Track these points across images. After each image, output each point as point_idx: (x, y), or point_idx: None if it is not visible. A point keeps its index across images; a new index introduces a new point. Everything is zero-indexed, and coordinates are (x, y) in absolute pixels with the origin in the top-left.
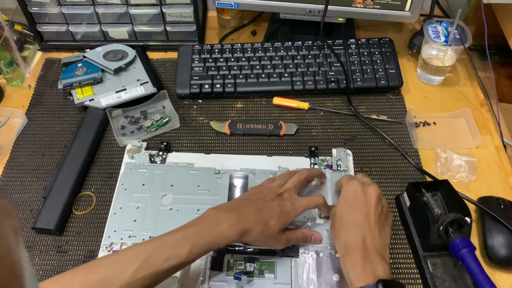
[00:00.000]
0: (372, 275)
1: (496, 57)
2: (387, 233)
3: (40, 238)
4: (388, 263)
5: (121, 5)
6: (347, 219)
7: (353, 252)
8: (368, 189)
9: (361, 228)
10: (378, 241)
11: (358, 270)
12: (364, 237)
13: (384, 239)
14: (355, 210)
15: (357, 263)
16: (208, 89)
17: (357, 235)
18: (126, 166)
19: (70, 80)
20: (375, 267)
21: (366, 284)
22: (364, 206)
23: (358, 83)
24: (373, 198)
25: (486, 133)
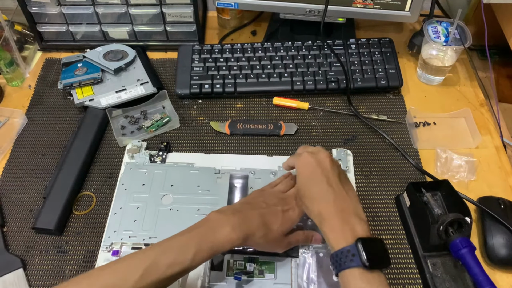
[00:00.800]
0: (351, 235)
1: (496, 57)
2: (353, 192)
3: (40, 238)
4: (365, 220)
5: (121, 5)
6: (312, 191)
7: (329, 218)
8: (319, 157)
9: (328, 193)
10: (348, 201)
11: (337, 232)
12: (334, 201)
13: (353, 198)
14: (316, 180)
15: (335, 226)
16: (208, 89)
17: (327, 201)
18: (126, 166)
19: (70, 80)
20: (353, 227)
21: (346, 245)
22: (322, 174)
23: (358, 83)
24: (327, 163)
25: (486, 133)
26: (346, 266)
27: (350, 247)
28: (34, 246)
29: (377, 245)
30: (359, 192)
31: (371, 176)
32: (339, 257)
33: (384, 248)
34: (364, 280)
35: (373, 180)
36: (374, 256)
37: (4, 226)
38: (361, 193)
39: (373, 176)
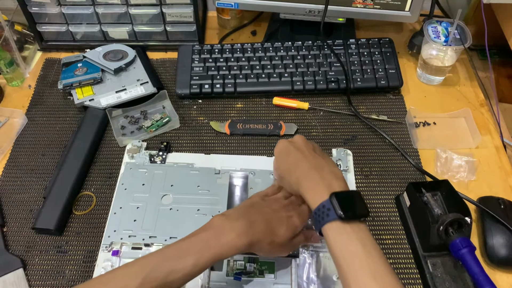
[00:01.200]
0: (327, 191)
1: (496, 57)
2: (329, 158)
3: (40, 238)
4: (341, 178)
5: (121, 5)
6: (288, 163)
7: (306, 178)
8: (293, 139)
9: (303, 160)
10: (323, 162)
11: (314, 190)
12: (309, 163)
13: (329, 161)
14: (291, 155)
15: (311, 185)
16: (208, 89)
17: (302, 166)
18: (126, 166)
19: (70, 80)
20: (329, 183)
21: (322, 201)
22: (296, 149)
23: (358, 83)
24: (301, 141)
25: (486, 133)
26: (324, 221)
27: (325, 202)
28: (34, 246)
29: (352, 196)
30: None
31: (371, 176)
32: (317, 214)
33: (360, 199)
34: (342, 232)
35: (373, 180)
36: (349, 207)
37: (4, 226)
38: None
39: (373, 176)
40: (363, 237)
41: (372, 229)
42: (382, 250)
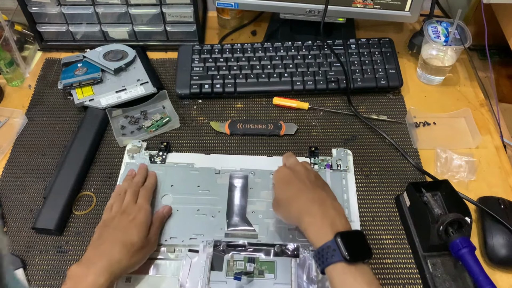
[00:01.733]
0: (331, 230)
1: (496, 57)
2: (329, 189)
3: (40, 238)
4: (343, 214)
5: (121, 5)
6: (288, 194)
7: (308, 213)
8: (295, 168)
9: (306, 192)
10: (325, 195)
11: (317, 227)
12: (312, 197)
13: (329, 193)
14: (292, 185)
15: (314, 221)
16: (208, 89)
17: (306, 198)
18: (127, 167)
19: (70, 80)
20: (332, 221)
21: (326, 241)
22: (297, 179)
23: (358, 83)
24: (302, 171)
25: (486, 133)
26: (328, 262)
27: (330, 242)
28: (34, 246)
29: (356, 237)
30: (359, 192)
31: (371, 176)
32: (321, 254)
33: (363, 240)
34: (347, 274)
35: (373, 180)
36: (354, 249)
37: (4, 226)
38: (361, 193)
39: (373, 176)
40: (369, 279)
41: (372, 229)
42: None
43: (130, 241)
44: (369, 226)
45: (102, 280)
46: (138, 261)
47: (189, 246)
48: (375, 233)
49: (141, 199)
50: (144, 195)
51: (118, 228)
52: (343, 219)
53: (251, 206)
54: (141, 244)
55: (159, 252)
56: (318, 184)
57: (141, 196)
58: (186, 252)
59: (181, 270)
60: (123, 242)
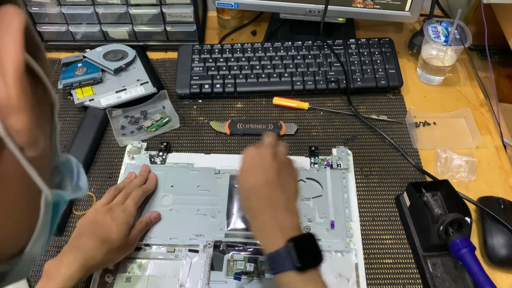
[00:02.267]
0: (281, 234)
1: (496, 57)
2: (290, 186)
3: None
4: (295, 214)
5: (121, 5)
6: (248, 184)
7: (259, 213)
8: (261, 151)
9: (261, 190)
10: (281, 196)
11: (267, 232)
12: (267, 195)
13: (287, 193)
14: (254, 174)
15: (265, 223)
16: (208, 89)
17: (260, 196)
18: (127, 168)
19: (70, 80)
20: (282, 224)
21: (278, 248)
22: (261, 167)
23: (358, 83)
24: (267, 157)
25: (486, 133)
26: (279, 270)
27: (281, 250)
28: None
29: (308, 242)
30: (359, 192)
31: (371, 176)
32: (272, 260)
33: (315, 244)
34: (298, 282)
35: (373, 180)
36: (305, 256)
37: None
38: (361, 193)
39: (373, 176)
40: (318, 285)
41: (372, 229)
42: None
43: (108, 238)
44: (369, 226)
45: (73, 271)
46: (113, 259)
47: (189, 246)
48: (375, 233)
49: (129, 200)
50: (134, 197)
51: (98, 223)
52: (295, 219)
53: None
54: (119, 243)
55: (144, 252)
56: (279, 179)
57: (130, 198)
58: (186, 252)
59: (181, 270)
60: (101, 238)
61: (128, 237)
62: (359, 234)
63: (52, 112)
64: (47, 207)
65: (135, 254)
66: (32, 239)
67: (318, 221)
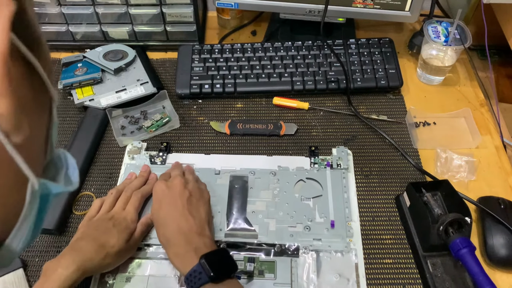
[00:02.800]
0: (195, 255)
1: (496, 57)
2: (202, 212)
3: (40, 238)
4: (208, 237)
5: (121, 5)
6: (160, 215)
7: (173, 242)
8: (171, 183)
9: (174, 218)
10: (193, 222)
11: (181, 257)
12: (178, 224)
13: (199, 218)
14: (165, 205)
15: (179, 250)
16: (208, 89)
17: (172, 226)
18: (127, 168)
19: (70, 80)
20: (196, 247)
21: (192, 266)
22: (171, 199)
23: (358, 83)
24: (177, 188)
25: (486, 133)
26: (197, 285)
27: (196, 266)
28: (34, 246)
29: (220, 255)
30: (359, 192)
31: (371, 176)
32: (189, 279)
33: (228, 256)
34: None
35: (373, 180)
36: (219, 267)
37: None
38: (361, 193)
39: (373, 176)
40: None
41: (372, 229)
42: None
43: (109, 244)
44: (369, 226)
45: (70, 272)
46: (112, 263)
47: None
48: (375, 233)
49: (130, 205)
50: (134, 202)
51: (99, 229)
52: (208, 240)
53: (251, 206)
54: (119, 248)
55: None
56: (190, 206)
57: (131, 203)
58: None
59: None
60: (101, 243)
61: (129, 242)
62: (359, 234)
63: (51, 106)
64: (33, 196)
65: (135, 254)
66: (14, 228)
67: (318, 221)
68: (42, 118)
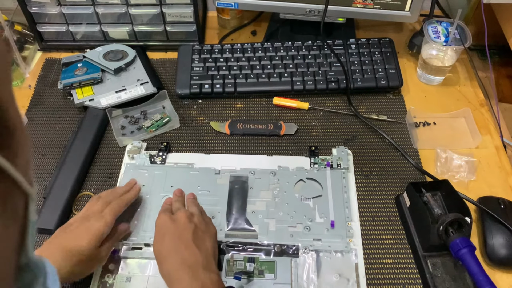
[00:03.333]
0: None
1: (496, 57)
2: (208, 245)
3: (40, 238)
4: (215, 272)
5: (121, 5)
6: (164, 250)
7: (177, 277)
8: (176, 216)
9: (178, 251)
10: (199, 256)
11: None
12: (183, 258)
13: (205, 252)
14: (168, 239)
15: (186, 285)
16: (208, 89)
17: (176, 260)
18: (127, 167)
19: (70, 80)
20: (203, 283)
21: None
22: (176, 232)
23: (358, 83)
24: (182, 221)
25: (486, 133)
26: None
27: None
28: (34, 246)
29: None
30: (359, 192)
31: (371, 176)
32: None
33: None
34: None
35: (373, 180)
36: None
37: None
38: (361, 193)
39: (373, 176)
40: None
41: (372, 229)
42: None
43: (78, 248)
44: (369, 226)
45: None
46: (81, 272)
47: None
48: (375, 233)
49: (107, 209)
50: (112, 207)
51: (71, 234)
52: (215, 276)
53: (251, 206)
54: (89, 253)
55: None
56: (195, 240)
57: (109, 207)
58: None
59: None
60: (70, 248)
61: (99, 248)
62: (359, 234)
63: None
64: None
65: (136, 254)
66: None
67: (318, 221)
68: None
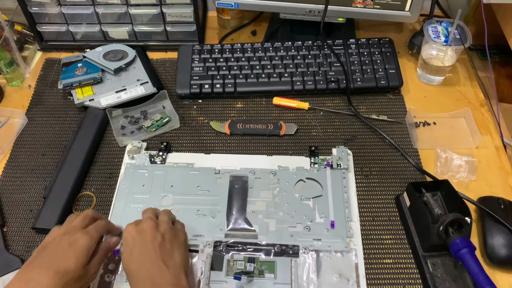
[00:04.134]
0: None
1: (496, 57)
2: (177, 258)
3: (40, 238)
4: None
5: (121, 5)
6: (132, 267)
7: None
8: (141, 227)
9: (146, 270)
10: (167, 274)
11: None
12: (151, 278)
13: (173, 267)
14: (136, 254)
15: None
16: (208, 89)
17: (145, 277)
18: (127, 167)
19: (70, 80)
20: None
21: None
22: (143, 246)
23: (358, 83)
24: (147, 234)
25: (486, 133)
26: None
27: None
28: (34, 246)
29: None
30: (359, 192)
31: (371, 176)
32: None
33: None
34: None
35: (373, 180)
36: None
37: (4, 226)
38: (361, 193)
39: (373, 176)
40: None
41: (372, 229)
42: None
43: (65, 269)
44: (369, 226)
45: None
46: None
47: (189, 246)
48: (375, 233)
49: (92, 226)
50: (98, 224)
51: (54, 252)
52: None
53: (251, 206)
54: (77, 274)
55: None
56: (165, 255)
57: (95, 224)
58: None
59: None
60: (56, 269)
61: (87, 266)
62: (359, 234)
63: None
64: None
65: None
66: None
67: (318, 221)
68: None
